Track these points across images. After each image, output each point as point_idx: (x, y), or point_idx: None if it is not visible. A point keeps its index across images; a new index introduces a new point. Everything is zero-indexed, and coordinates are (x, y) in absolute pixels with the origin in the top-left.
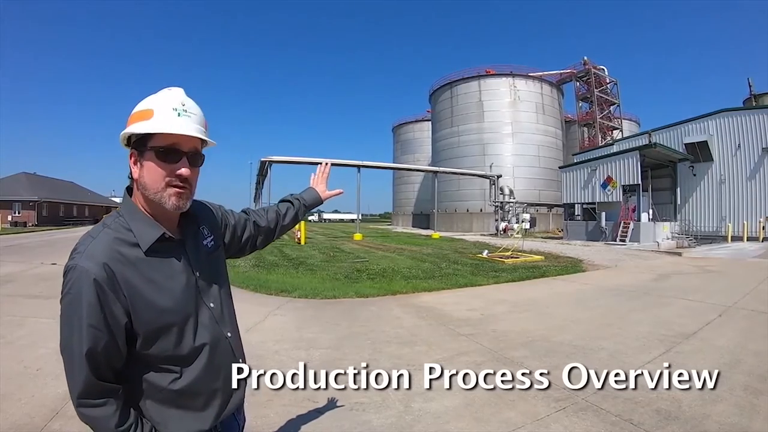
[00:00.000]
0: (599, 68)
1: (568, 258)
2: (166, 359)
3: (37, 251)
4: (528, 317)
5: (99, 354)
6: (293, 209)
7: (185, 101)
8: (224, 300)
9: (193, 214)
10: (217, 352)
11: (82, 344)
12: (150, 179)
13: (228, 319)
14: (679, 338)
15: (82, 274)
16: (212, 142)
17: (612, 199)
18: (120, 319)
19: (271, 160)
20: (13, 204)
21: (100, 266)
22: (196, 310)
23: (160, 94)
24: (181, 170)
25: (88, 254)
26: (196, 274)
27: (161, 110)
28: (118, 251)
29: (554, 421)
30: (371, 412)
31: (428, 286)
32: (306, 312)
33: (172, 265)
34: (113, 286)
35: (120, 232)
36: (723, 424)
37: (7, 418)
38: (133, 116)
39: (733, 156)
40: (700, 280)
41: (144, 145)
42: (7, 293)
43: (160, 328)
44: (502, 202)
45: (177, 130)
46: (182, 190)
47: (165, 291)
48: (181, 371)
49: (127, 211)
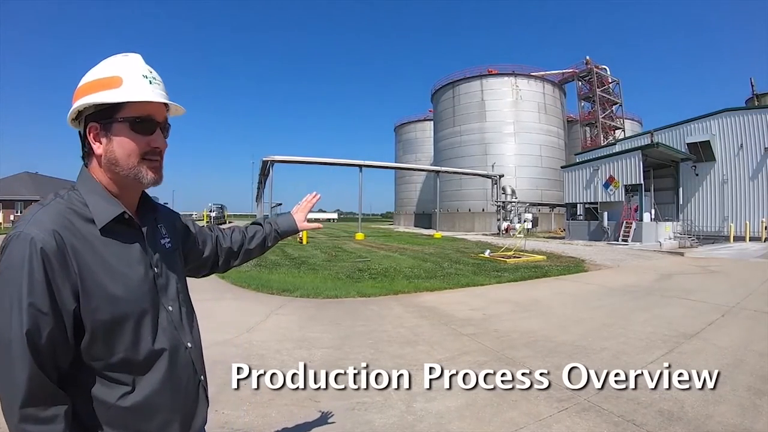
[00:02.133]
0: (601, 68)
1: (571, 258)
2: (118, 364)
3: None
4: (530, 317)
5: (42, 345)
6: (261, 233)
7: (150, 68)
8: (183, 306)
9: (153, 205)
10: (177, 363)
11: (21, 328)
12: (122, 153)
13: (188, 328)
14: (682, 338)
15: (27, 243)
16: (182, 109)
17: (614, 199)
18: (68, 302)
19: (273, 159)
20: (15, 203)
21: (50, 233)
22: (155, 309)
23: (120, 58)
24: (158, 141)
25: (35, 221)
26: (155, 269)
27: (131, 77)
28: (70, 221)
29: (556, 421)
30: (373, 412)
31: (430, 286)
32: (308, 311)
33: (130, 251)
34: (63, 259)
35: (74, 204)
36: (726, 424)
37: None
38: (92, 85)
39: (735, 156)
40: (703, 280)
41: (110, 117)
42: None
43: (113, 320)
44: (504, 201)
45: (154, 98)
46: (157, 163)
47: (119, 277)
48: (133, 383)
49: (83, 184)
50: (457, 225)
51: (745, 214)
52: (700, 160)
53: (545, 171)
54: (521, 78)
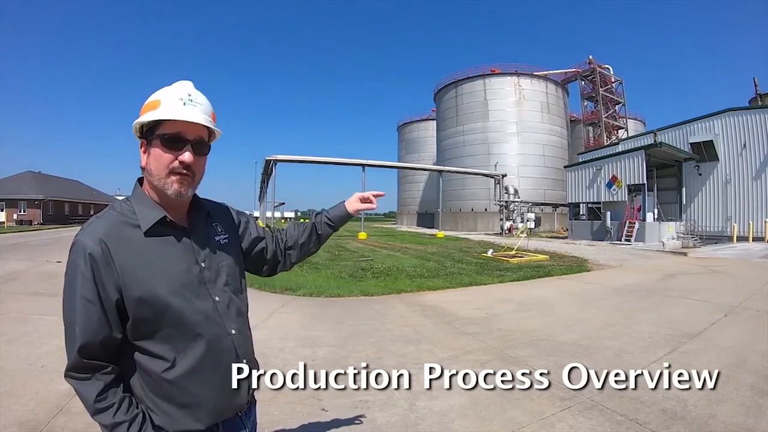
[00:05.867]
0: (604, 67)
1: (573, 257)
2: (160, 343)
3: (42, 249)
4: (533, 316)
5: (91, 327)
6: (311, 222)
7: (192, 92)
8: (233, 297)
9: (205, 208)
10: (217, 347)
11: (75, 315)
12: (155, 166)
13: (234, 316)
14: (685, 338)
15: (80, 249)
16: (218, 131)
17: (617, 199)
18: (111, 294)
19: (276, 159)
20: (18, 203)
21: (97, 242)
22: (198, 299)
23: (172, 86)
24: (184, 156)
25: (89, 231)
26: (202, 264)
27: (168, 100)
28: (118, 230)
29: (559, 420)
30: (376, 410)
31: (433, 285)
32: (311, 310)
33: (173, 249)
34: (106, 261)
35: (124, 215)
36: (729, 424)
37: (11, 415)
38: (144, 107)
39: (738, 156)
40: (706, 280)
41: (152, 134)
42: (12, 291)
43: (152, 307)
44: (506, 201)
45: (179, 116)
46: (184, 177)
47: (160, 272)
48: (174, 361)
49: (135, 197)
50: (459, 224)
51: (748, 214)
52: (703, 159)
53: (548, 171)
54: (524, 77)
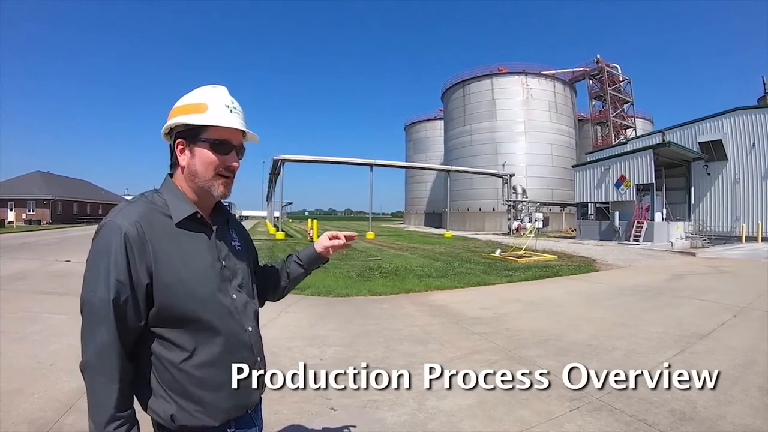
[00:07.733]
0: (612, 66)
1: (582, 257)
2: (181, 332)
3: (51, 248)
4: (541, 316)
5: (122, 309)
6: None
7: (233, 99)
8: (247, 296)
9: (226, 214)
10: (235, 342)
11: (109, 292)
12: (202, 167)
13: (250, 314)
14: (694, 338)
15: (114, 228)
16: (256, 137)
17: (625, 199)
18: (143, 278)
19: (283, 158)
20: (27, 202)
21: (132, 223)
22: (219, 293)
23: (208, 89)
24: (234, 162)
25: (123, 214)
26: (222, 262)
27: (215, 105)
28: (151, 216)
29: (568, 420)
30: (384, 410)
31: (441, 285)
32: (319, 309)
33: (200, 244)
34: (141, 243)
35: (155, 204)
36: (738, 425)
37: (20, 413)
38: (183, 108)
39: (747, 155)
40: (715, 280)
41: (195, 136)
42: (21, 290)
43: (178, 295)
44: (514, 201)
45: (232, 124)
46: (228, 180)
47: (188, 263)
48: (193, 351)
49: (166, 189)
50: (467, 224)
51: (757, 214)
52: (711, 159)
53: (556, 170)
54: (532, 77)
